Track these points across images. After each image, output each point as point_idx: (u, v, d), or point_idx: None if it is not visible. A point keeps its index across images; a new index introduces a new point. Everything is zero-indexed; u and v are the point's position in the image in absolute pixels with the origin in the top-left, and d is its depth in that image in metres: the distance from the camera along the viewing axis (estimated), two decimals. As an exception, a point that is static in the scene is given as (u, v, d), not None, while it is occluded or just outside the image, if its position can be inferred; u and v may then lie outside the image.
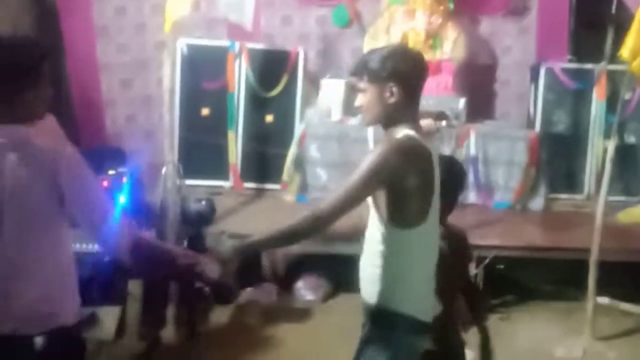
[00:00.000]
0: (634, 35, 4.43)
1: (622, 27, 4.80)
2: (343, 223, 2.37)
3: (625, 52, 4.45)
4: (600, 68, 5.79)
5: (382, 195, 2.21)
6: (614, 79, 5.72)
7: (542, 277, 5.29)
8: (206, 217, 4.17)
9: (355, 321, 4.72)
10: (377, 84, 2.24)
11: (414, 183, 2.18)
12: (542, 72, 5.93)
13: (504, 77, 6.83)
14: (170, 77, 4.95)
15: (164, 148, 4.80)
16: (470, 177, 5.61)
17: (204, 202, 4.17)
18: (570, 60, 6.23)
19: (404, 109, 2.25)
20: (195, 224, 4.20)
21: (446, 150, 5.75)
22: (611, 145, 4.61)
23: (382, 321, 2.31)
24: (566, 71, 5.90)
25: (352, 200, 2.21)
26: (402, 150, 2.18)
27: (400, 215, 2.22)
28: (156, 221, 4.22)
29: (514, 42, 6.68)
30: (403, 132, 2.22)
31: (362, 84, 2.28)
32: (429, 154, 2.25)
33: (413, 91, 2.28)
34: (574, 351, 4.49)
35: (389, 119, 2.27)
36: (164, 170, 4.33)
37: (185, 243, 4.29)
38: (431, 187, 2.24)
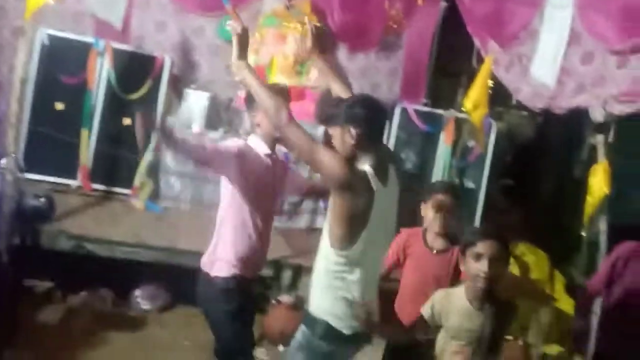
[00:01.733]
0: (476, 89, 4.81)
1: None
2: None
3: (467, 103, 4.82)
4: (449, 114, 6.19)
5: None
6: (461, 126, 6.14)
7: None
8: (43, 214, 4.04)
9: (188, 334, 4.78)
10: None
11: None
12: (397, 111, 6.24)
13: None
14: (24, 66, 4.78)
15: (7, 139, 4.62)
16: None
17: (42, 199, 4.03)
18: (425, 104, 6.59)
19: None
20: (31, 221, 4.05)
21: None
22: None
23: (305, 324, 2.70)
24: (419, 114, 6.24)
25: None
26: None
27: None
28: (-12, 214, 4.01)
29: (384, 80, 6.88)
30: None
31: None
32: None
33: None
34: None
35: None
36: (2, 161, 4.14)
37: (18, 239, 4.14)
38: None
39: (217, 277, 3.13)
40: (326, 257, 2.62)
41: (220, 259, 3.14)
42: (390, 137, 6.18)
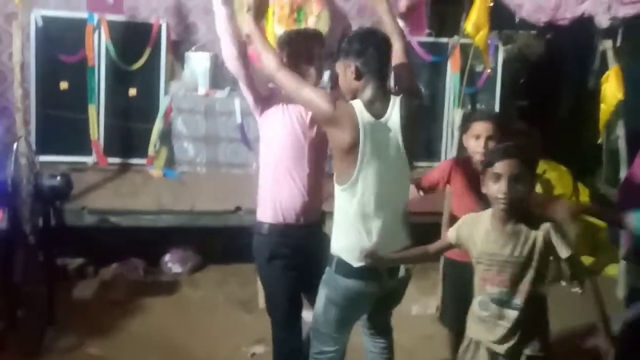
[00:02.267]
0: (476, 11, 4.72)
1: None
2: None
3: (469, 26, 4.74)
4: (453, 42, 6.08)
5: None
6: (466, 51, 6.04)
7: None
8: (61, 192, 4.07)
9: (221, 292, 4.88)
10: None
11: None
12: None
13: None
14: (20, 51, 4.78)
15: (17, 124, 4.66)
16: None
17: (58, 178, 4.06)
18: (428, 35, 6.49)
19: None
20: (50, 200, 4.10)
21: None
22: (458, 114, 4.90)
23: (327, 262, 2.74)
24: (423, 45, 6.14)
25: None
26: None
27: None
28: (8, 199, 4.08)
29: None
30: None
31: None
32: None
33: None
34: (428, 309, 4.79)
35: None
36: (14, 146, 4.18)
37: (41, 220, 4.20)
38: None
39: (256, 222, 3.10)
40: (336, 194, 2.67)
41: (258, 204, 3.10)
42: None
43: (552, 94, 8.28)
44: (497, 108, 6.29)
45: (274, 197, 2.98)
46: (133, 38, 5.58)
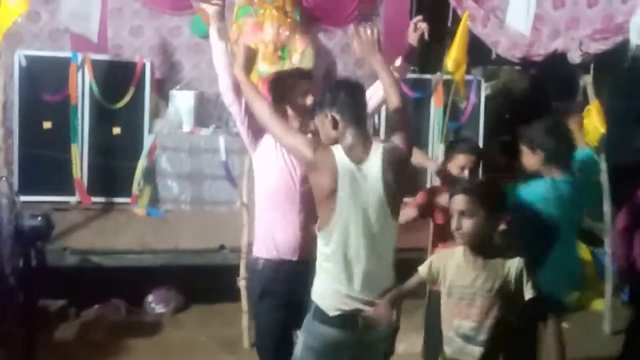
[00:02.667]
0: (456, 48, 4.78)
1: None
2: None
3: (449, 63, 4.79)
4: (436, 78, 6.14)
5: None
6: (449, 88, 6.10)
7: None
8: (42, 232, 4.00)
9: (204, 333, 4.80)
10: None
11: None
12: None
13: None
14: (3, 90, 4.78)
15: (-1, 164, 4.64)
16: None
17: (39, 218, 3.99)
18: (412, 71, 6.54)
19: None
20: (30, 241, 4.04)
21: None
22: (442, 149, 4.92)
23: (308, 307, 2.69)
24: (406, 81, 6.18)
25: None
26: None
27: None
28: (-12, 240, 4.01)
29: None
30: None
31: None
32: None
33: None
34: (414, 347, 4.72)
35: None
36: (-6, 186, 4.14)
37: (21, 261, 4.14)
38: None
39: (251, 258, 3.12)
40: (318, 240, 2.64)
41: (255, 240, 3.10)
42: (382, 109, 6.13)
43: (536, 129, 8.33)
44: (480, 143, 6.33)
45: (268, 232, 2.96)
46: (117, 77, 5.62)
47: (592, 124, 4.74)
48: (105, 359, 4.32)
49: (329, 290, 2.59)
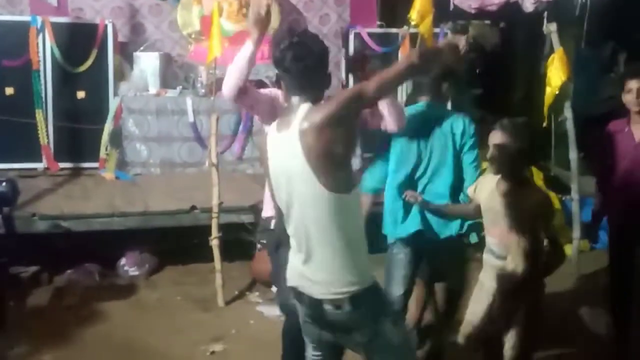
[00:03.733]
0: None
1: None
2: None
3: (413, 14, 4.76)
4: (403, 31, 6.12)
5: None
6: (416, 41, 6.07)
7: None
8: (7, 198, 3.98)
9: (179, 292, 4.82)
10: None
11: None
12: (351, 37, 6.17)
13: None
14: (-39, 56, 4.68)
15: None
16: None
17: (4, 184, 3.98)
18: (379, 26, 6.52)
19: None
20: (-4, 207, 4.01)
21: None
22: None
23: None
24: (373, 36, 6.17)
25: None
26: None
27: None
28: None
29: (331, 11, 6.84)
30: None
31: None
32: None
33: None
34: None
35: None
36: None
37: (-11, 228, 4.11)
38: None
39: (263, 219, 3.27)
40: None
41: (264, 203, 3.25)
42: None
43: (506, 82, 8.38)
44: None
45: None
46: (79, 40, 5.52)
47: (554, 72, 4.78)
48: (81, 323, 4.32)
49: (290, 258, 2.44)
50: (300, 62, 2.28)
